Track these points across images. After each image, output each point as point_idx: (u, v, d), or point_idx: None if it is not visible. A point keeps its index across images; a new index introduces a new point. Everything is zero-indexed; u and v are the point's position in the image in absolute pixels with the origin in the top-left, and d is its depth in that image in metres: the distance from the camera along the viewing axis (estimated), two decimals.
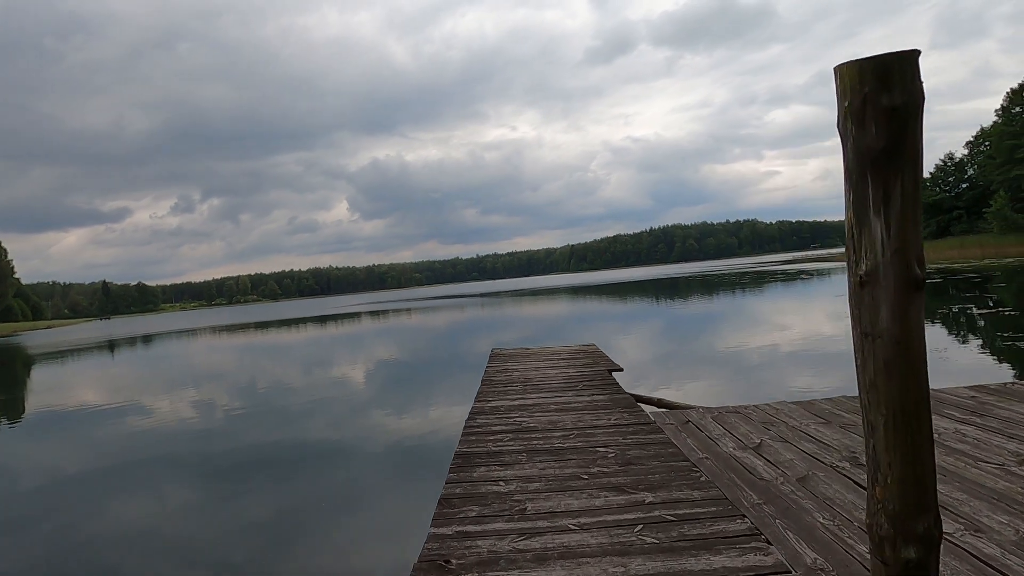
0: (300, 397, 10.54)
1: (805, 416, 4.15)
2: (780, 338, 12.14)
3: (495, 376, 6.75)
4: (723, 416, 4.34)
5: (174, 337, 35.72)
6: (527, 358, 8.11)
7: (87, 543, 4.59)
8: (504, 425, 4.40)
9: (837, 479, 2.94)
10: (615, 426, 4.14)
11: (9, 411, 12.15)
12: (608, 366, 6.93)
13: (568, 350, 8.58)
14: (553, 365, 7.28)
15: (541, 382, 6.14)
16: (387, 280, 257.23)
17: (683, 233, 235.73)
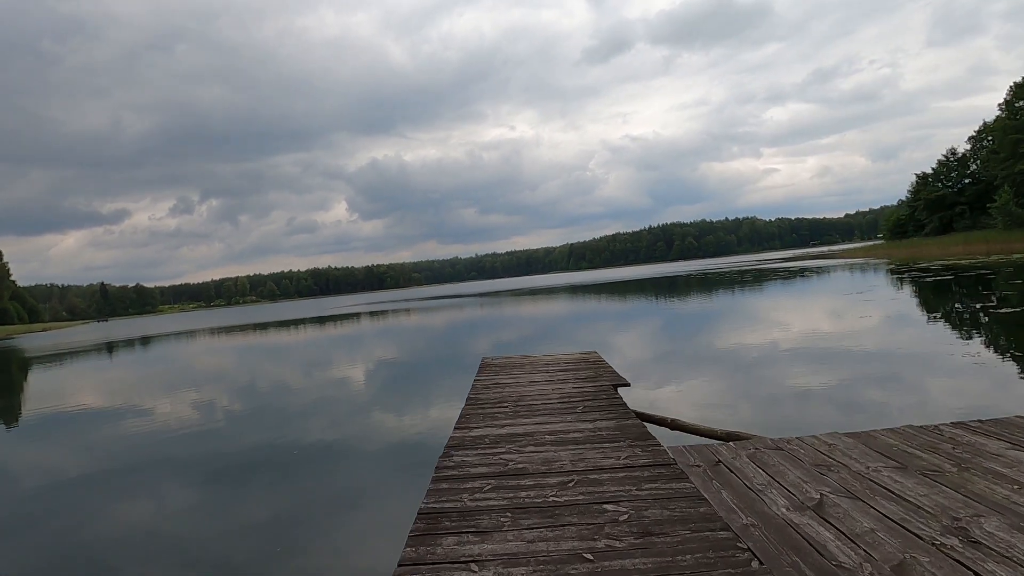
0: (298, 398, 10.56)
1: (868, 455, 3.26)
2: (800, 339, 11.31)
3: (483, 392, 5.88)
4: (763, 455, 3.45)
5: (171, 339, 35.23)
6: (521, 369, 7.23)
7: (88, 545, 4.60)
8: (486, 466, 3.51)
9: (950, 568, 2.08)
10: (625, 468, 3.26)
11: (6, 415, 12.09)
12: (613, 379, 6.06)
13: (567, 359, 7.70)
14: (550, 378, 6.41)
15: (535, 401, 5.27)
16: (386, 280, 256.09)
17: (682, 231, 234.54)
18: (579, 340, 15.29)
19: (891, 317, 13.45)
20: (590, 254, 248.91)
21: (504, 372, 7.09)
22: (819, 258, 68.51)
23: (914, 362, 8.45)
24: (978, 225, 51.53)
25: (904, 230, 64.71)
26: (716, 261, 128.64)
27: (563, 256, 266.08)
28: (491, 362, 8.04)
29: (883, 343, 10.10)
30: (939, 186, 60.91)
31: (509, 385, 6.19)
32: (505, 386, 6.16)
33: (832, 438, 3.65)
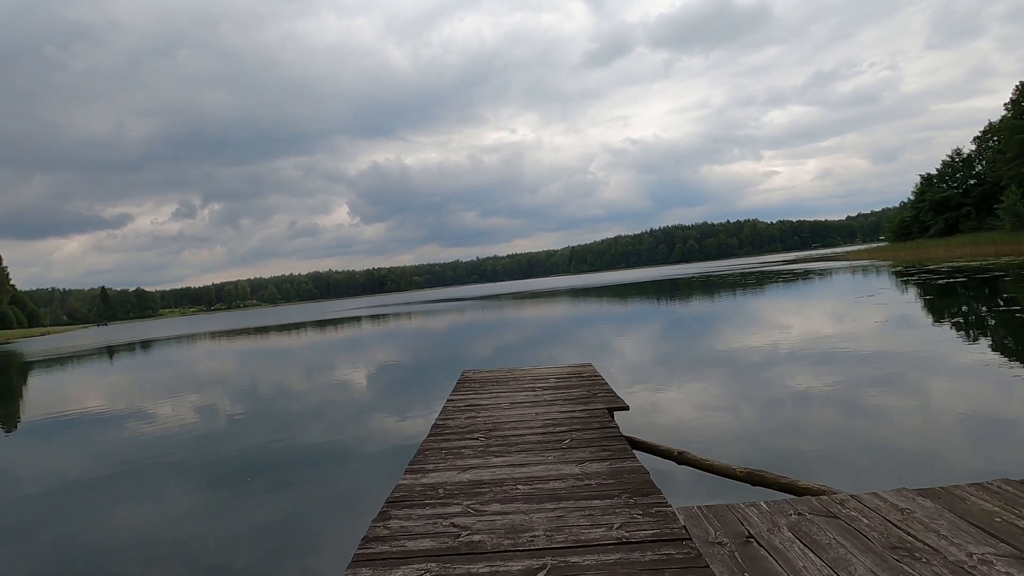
0: (299, 402, 10.60)
1: (962, 531, 2.33)
2: (818, 345, 10.36)
3: (454, 416, 4.98)
4: (809, 526, 2.51)
5: (171, 343, 34.99)
6: (503, 385, 6.31)
7: (91, 549, 4.61)
8: (430, 537, 2.58)
9: None
10: (620, 546, 2.33)
11: (6, 420, 12.12)
12: (608, 401, 5.14)
13: (557, 373, 6.76)
14: (535, 398, 5.50)
15: (513, 431, 4.36)
16: (387, 283, 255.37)
17: (683, 234, 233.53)
18: (576, 343, 14.62)
19: (919, 324, 12.51)
20: (591, 257, 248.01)
21: (484, 389, 6.17)
22: (822, 260, 67.42)
23: (964, 381, 7.15)
24: (984, 227, 50.52)
25: (908, 232, 63.72)
26: (718, 264, 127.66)
27: (564, 259, 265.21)
28: (471, 376, 7.09)
29: (919, 353, 9.10)
30: (944, 187, 59.92)
31: (486, 407, 5.27)
32: (481, 408, 5.24)
33: (902, 498, 2.66)
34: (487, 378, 6.88)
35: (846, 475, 4.47)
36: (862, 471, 4.58)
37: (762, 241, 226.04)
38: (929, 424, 5.62)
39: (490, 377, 6.94)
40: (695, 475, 4.33)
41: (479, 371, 7.44)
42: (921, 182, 63.02)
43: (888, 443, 5.15)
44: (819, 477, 4.06)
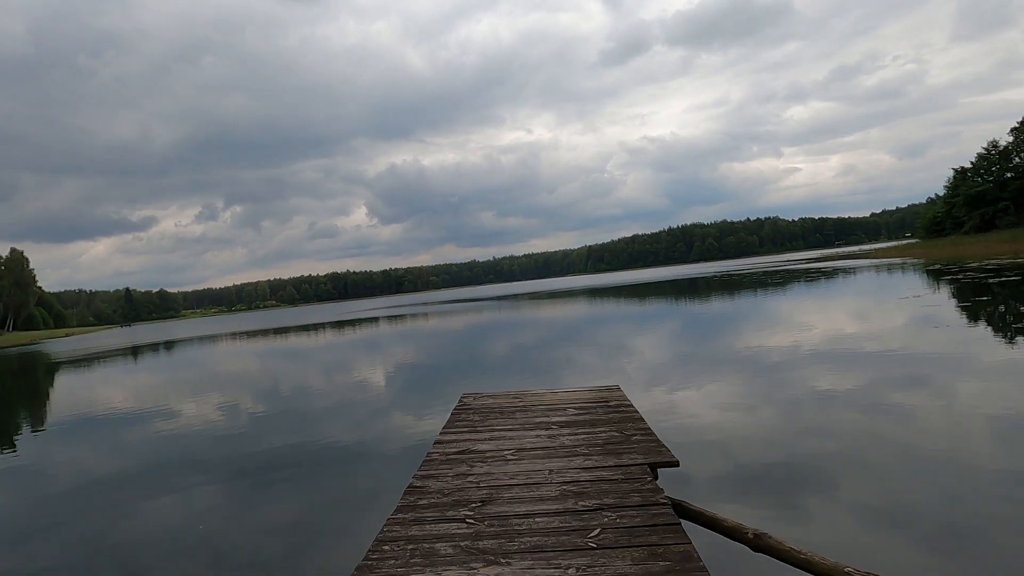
0: (319, 401, 10.76)
1: None
2: (882, 353, 8.91)
3: (438, 472, 3.75)
4: None
5: (191, 344, 35.55)
6: (508, 418, 5.07)
7: (121, 543, 4.77)
8: None
9: None
10: None
11: (35, 418, 12.66)
12: (648, 451, 3.84)
13: (576, 401, 5.46)
14: (549, 442, 4.24)
15: (516, 505, 3.09)
16: (404, 284, 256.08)
17: (702, 232, 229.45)
18: (593, 344, 13.39)
19: (986, 333, 11.01)
20: (609, 256, 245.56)
21: (484, 423, 4.94)
22: (849, 258, 64.54)
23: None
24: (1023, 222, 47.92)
25: (941, 228, 60.87)
26: (738, 262, 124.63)
27: (581, 258, 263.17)
28: (470, 403, 5.81)
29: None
30: (979, 181, 57.10)
31: (483, 456, 4.02)
32: (476, 458, 3.98)
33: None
34: (489, 406, 5.61)
35: None
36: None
37: (783, 239, 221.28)
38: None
39: (493, 405, 5.65)
40: (778, 568, 3.06)
41: (480, 396, 6.16)
42: (954, 176, 60.13)
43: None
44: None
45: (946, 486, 4.32)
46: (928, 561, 3.35)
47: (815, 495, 4.39)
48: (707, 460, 5.26)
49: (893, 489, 4.35)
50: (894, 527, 3.77)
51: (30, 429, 11.32)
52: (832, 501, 4.25)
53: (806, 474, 4.80)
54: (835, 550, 3.49)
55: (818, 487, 4.52)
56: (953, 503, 4.04)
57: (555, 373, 11.14)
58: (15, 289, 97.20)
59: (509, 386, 9.97)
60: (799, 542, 3.66)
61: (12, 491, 6.76)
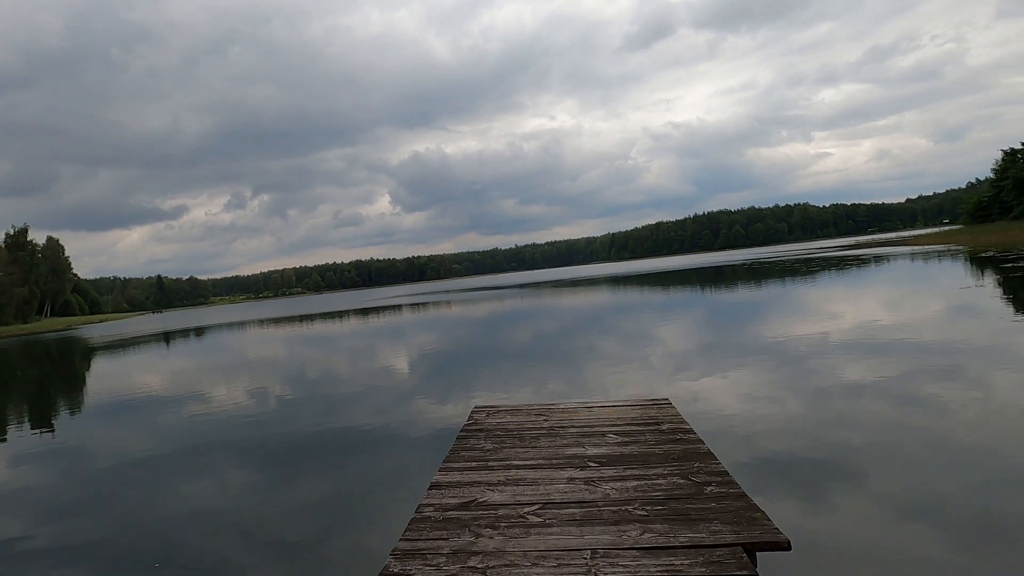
0: (346, 386, 11.03)
1: None
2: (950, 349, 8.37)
3: (430, 536, 2.81)
4: None
5: (221, 330, 36.13)
6: (531, 445, 4.10)
7: (160, 519, 4.99)
8: None
9: None
10: None
11: (75, 401, 13.03)
12: (737, 518, 2.74)
13: (617, 421, 4.48)
14: (587, 491, 3.20)
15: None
16: (427, 271, 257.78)
17: (729, 219, 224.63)
18: (619, 334, 12.90)
19: None
20: (632, 244, 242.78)
21: (498, 453, 3.96)
22: (888, 245, 61.84)
23: None
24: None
25: (987, 213, 58.07)
26: (766, 250, 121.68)
27: (604, 246, 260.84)
28: (482, 420, 4.86)
29: None
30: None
31: (493, 518, 2.96)
32: (483, 521, 2.93)
33: None
34: (506, 427, 4.63)
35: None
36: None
37: (813, 226, 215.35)
38: None
39: (511, 425, 4.65)
40: None
41: (496, 410, 5.17)
42: (1003, 158, 57.17)
43: None
44: None
45: (978, 478, 4.18)
46: (958, 553, 3.28)
47: (844, 486, 4.29)
48: (732, 449, 5.11)
49: (924, 480, 4.24)
50: (924, 518, 3.69)
51: (70, 411, 11.69)
52: (861, 492, 4.16)
53: (834, 465, 4.69)
54: (863, 542, 3.49)
55: (847, 478, 4.41)
56: (985, 495, 3.92)
57: (578, 363, 10.84)
58: (52, 276, 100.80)
59: (531, 376, 9.76)
60: (828, 532, 3.56)
61: (57, 468, 7.04)
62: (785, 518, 3.86)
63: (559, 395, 8.03)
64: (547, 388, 8.63)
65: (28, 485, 6.43)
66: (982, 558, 3.22)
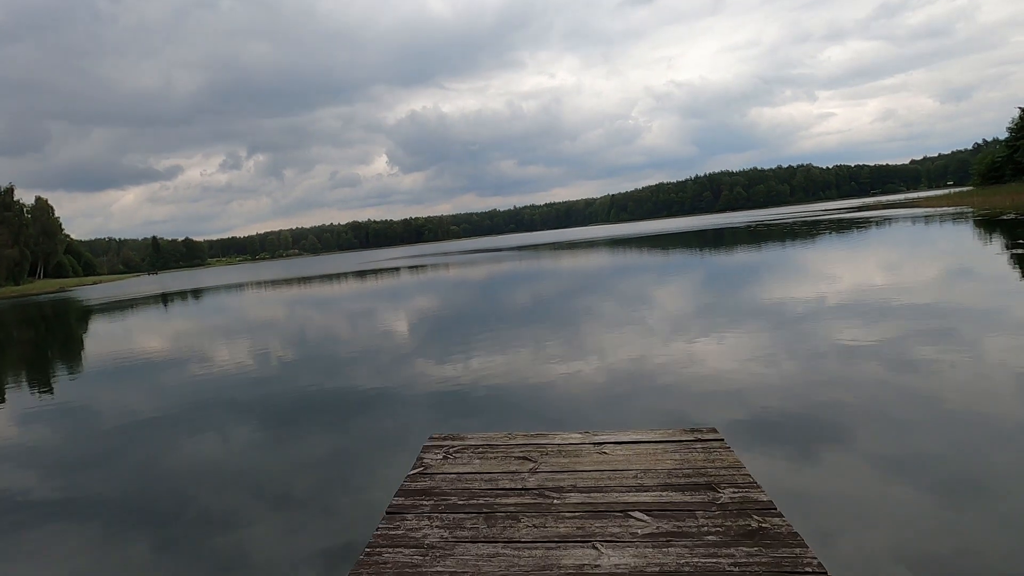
0: (344, 347, 11.10)
1: None
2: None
3: None
4: None
5: (218, 292, 35.90)
6: (505, 525, 2.47)
7: (168, 474, 5.13)
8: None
9: None
10: None
11: (76, 361, 13.23)
12: None
13: (644, 473, 2.84)
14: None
15: None
16: (424, 233, 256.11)
17: (730, 180, 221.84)
18: (619, 296, 12.95)
19: None
20: (632, 205, 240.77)
21: (441, 552, 2.27)
22: (895, 207, 59.28)
23: None
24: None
25: (999, 175, 56.69)
26: (768, 212, 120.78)
27: (604, 208, 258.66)
28: (430, 469, 3.14)
29: None
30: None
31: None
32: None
33: None
34: (469, 486, 2.88)
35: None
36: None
37: (816, 188, 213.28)
38: None
39: (478, 484, 2.89)
40: None
41: (458, 446, 3.46)
42: (1020, 116, 55.45)
43: None
44: None
45: (966, 439, 4.28)
46: (941, 509, 3.40)
47: (832, 444, 4.40)
48: (726, 410, 5.27)
49: (911, 440, 4.34)
50: (909, 477, 3.79)
51: (72, 372, 11.82)
52: (848, 450, 4.27)
53: (824, 424, 4.79)
54: (848, 497, 3.60)
55: (835, 436, 4.52)
56: (971, 454, 4.02)
57: (575, 324, 10.90)
58: (42, 238, 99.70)
59: (530, 337, 9.84)
60: (813, 488, 3.71)
61: (64, 427, 7.20)
62: (772, 473, 3.99)
63: (557, 357, 8.10)
64: (545, 350, 8.71)
65: (36, 443, 6.57)
66: (964, 514, 3.33)
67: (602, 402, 5.90)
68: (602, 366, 7.33)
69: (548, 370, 7.36)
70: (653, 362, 7.27)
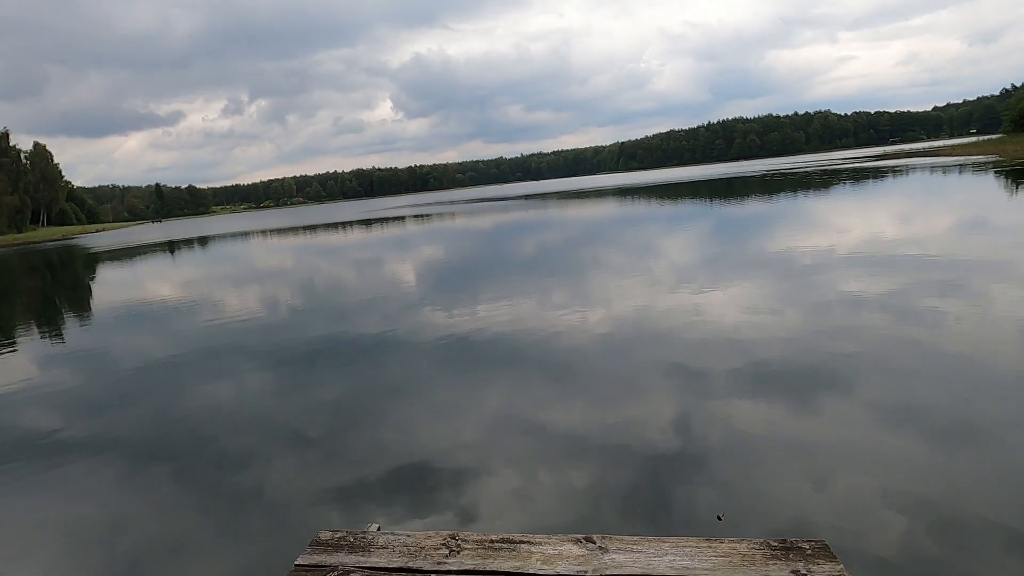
0: (352, 295, 11.26)
1: None
2: None
3: None
4: None
5: (223, 240, 35.92)
6: None
7: (185, 416, 5.31)
8: None
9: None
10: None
11: (83, 308, 13.64)
12: None
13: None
14: None
15: None
16: (430, 181, 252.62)
17: (744, 128, 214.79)
18: (622, 245, 13.07)
19: None
20: (642, 153, 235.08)
21: None
22: (920, 156, 56.25)
23: None
24: None
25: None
26: (781, 160, 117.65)
27: (612, 156, 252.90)
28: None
29: None
30: None
31: None
32: None
33: None
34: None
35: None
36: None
37: (833, 136, 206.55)
38: None
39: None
40: None
41: (358, 545, 2.19)
42: None
43: None
44: None
45: (965, 389, 4.34)
46: (933, 455, 3.48)
47: (830, 393, 4.47)
48: (728, 357, 5.35)
49: (910, 389, 4.40)
50: (905, 425, 3.86)
51: (85, 319, 12.02)
52: (847, 398, 4.33)
53: (825, 373, 4.86)
54: (842, 442, 3.67)
55: (834, 386, 4.58)
56: (968, 403, 4.08)
57: (581, 273, 10.91)
58: (42, 184, 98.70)
59: (536, 286, 9.92)
60: (810, 432, 3.81)
61: (85, 371, 7.42)
62: (771, 419, 4.09)
63: (559, 306, 8.16)
64: (551, 299, 8.76)
65: (59, 386, 6.79)
66: (956, 460, 3.42)
67: (604, 354, 5.98)
68: (607, 315, 7.38)
69: (553, 319, 7.42)
70: (656, 311, 7.31)
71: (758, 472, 3.44)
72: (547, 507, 3.30)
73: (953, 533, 2.77)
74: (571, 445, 3.98)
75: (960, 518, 2.87)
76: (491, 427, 4.43)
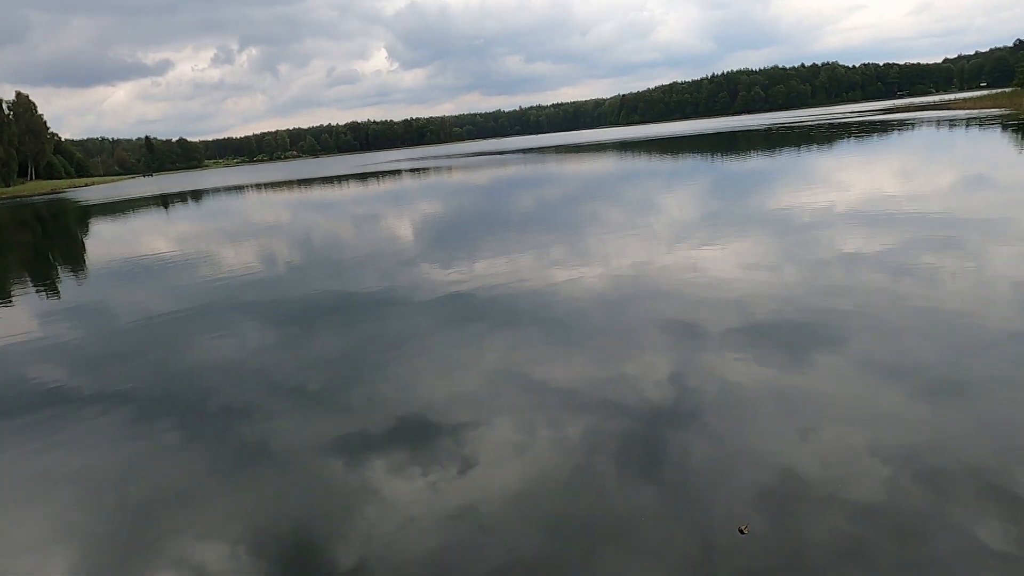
0: (350, 251, 11.24)
1: None
2: None
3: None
4: None
5: (214, 194, 35.65)
6: None
7: (187, 369, 5.37)
8: None
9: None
10: None
11: (78, 263, 13.62)
12: None
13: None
14: None
15: None
16: (426, 135, 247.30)
17: (748, 80, 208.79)
18: (622, 201, 12.93)
19: None
20: (643, 107, 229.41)
21: None
22: (931, 109, 54.42)
23: None
24: None
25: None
26: (786, 114, 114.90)
27: (613, 109, 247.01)
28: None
29: None
30: None
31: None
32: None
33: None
34: None
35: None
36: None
37: (840, 88, 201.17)
38: None
39: None
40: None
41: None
42: None
43: None
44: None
45: (956, 346, 4.40)
46: (920, 409, 3.56)
47: (824, 348, 4.53)
48: (724, 314, 5.40)
49: (902, 345, 4.46)
50: (894, 380, 3.93)
51: (81, 274, 11.99)
52: (839, 354, 4.40)
53: (819, 329, 4.92)
54: (832, 396, 3.74)
55: (828, 342, 4.64)
56: (957, 359, 4.16)
57: (579, 231, 10.85)
58: (28, 136, 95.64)
59: (533, 242, 9.89)
60: (802, 385, 3.87)
61: (87, 325, 7.48)
62: (762, 371, 4.16)
63: (557, 262, 8.15)
64: (549, 255, 8.74)
65: (62, 340, 6.84)
66: (941, 413, 3.51)
67: (601, 309, 6.01)
68: (605, 271, 7.39)
69: (551, 275, 7.43)
70: (654, 267, 7.32)
71: (749, 424, 3.53)
72: (544, 456, 3.39)
73: (934, 481, 2.87)
74: (568, 398, 4.06)
75: (942, 467, 2.97)
76: (490, 380, 4.51)
